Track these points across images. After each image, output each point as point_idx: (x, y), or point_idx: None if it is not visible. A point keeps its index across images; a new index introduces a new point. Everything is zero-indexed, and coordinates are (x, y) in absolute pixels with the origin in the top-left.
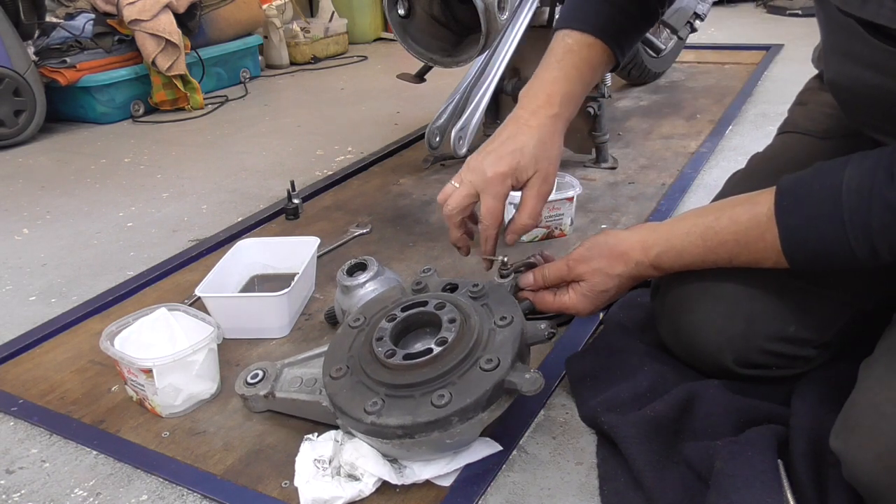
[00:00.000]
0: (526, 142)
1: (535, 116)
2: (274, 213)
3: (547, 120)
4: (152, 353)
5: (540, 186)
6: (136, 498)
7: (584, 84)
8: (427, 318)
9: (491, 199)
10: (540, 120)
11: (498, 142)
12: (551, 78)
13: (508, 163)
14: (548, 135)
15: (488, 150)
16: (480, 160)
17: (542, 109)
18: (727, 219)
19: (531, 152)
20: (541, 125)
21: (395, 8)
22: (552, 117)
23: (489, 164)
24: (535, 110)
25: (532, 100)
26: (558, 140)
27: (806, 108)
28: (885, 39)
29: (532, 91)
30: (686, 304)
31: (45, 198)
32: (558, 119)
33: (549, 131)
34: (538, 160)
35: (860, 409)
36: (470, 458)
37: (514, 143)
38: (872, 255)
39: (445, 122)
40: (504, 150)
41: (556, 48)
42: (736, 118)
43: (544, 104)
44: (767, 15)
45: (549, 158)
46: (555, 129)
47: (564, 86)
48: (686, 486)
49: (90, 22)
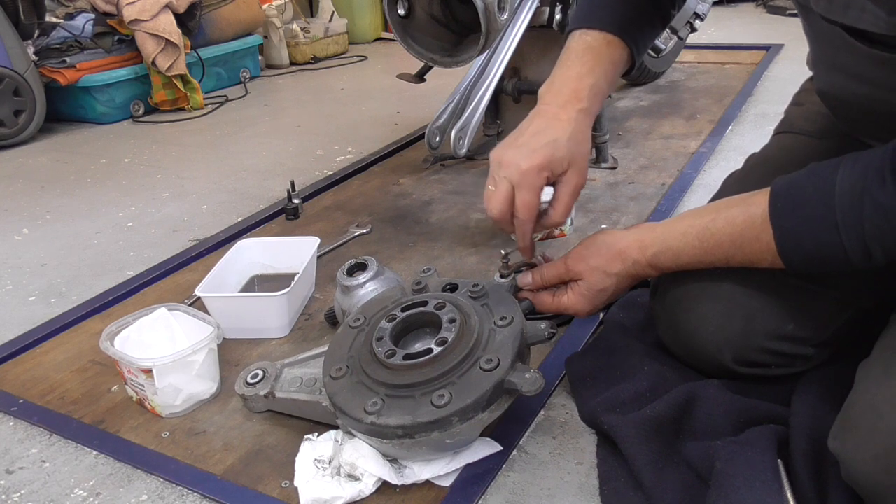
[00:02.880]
0: (559, 135)
1: (565, 110)
2: (274, 213)
3: (577, 114)
4: (152, 353)
5: (575, 181)
6: (136, 498)
7: (607, 80)
8: (427, 318)
9: (526, 192)
10: (570, 114)
11: (528, 135)
12: (575, 74)
13: (544, 155)
14: (579, 129)
15: (518, 144)
16: (512, 154)
17: (571, 104)
18: (723, 220)
19: (566, 145)
20: (571, 119)
21: (395, 8)
22: (581, 111)
23: (523, 157)
24: (564, 104)
25: (557, 95)
26: (588, 136)
27: (802, 109)
28: (869, 44)
29: (555, 87)
30: (685, 304)
31: (45, 198)
32: (587, 113)
33: (580, 125)
34: (573, 154)
35: (858, 410)
36: (470, 458)
37: (547, 135)
38: (866, 257)
39: (445, 122)
40: (537, 142)
41: (574, 46)
42: (736, 118)
43: (572, 98)
44: (767, 15)
45: (582, 153)
46: (585, 124)
47: (589, 80)
48: (686, 486)
49: (90, 22)
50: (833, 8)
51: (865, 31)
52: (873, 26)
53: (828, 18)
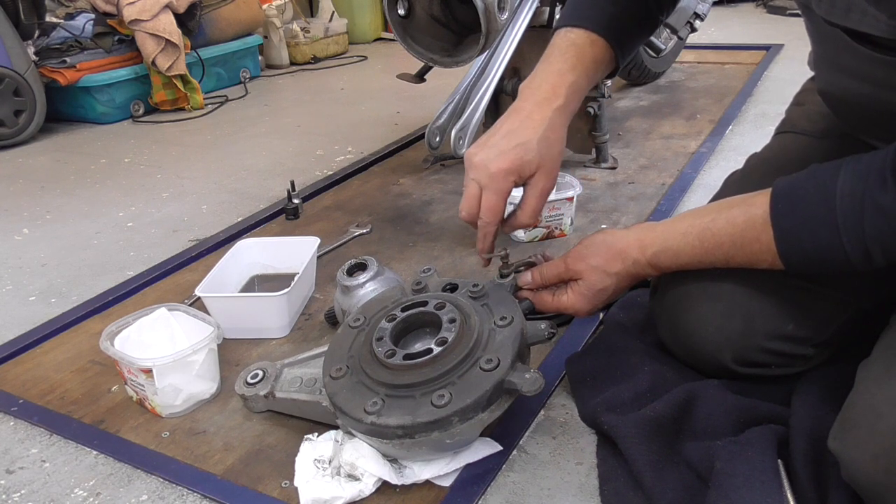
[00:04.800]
0: (530, 137)
1: (540, 109)
2: (274, 213)
3: (552, 113)
4: (152, 353)
5: (543, 184)
6: (136, 498)
7: (588, 78)
8: (427, 318)
9: (492, 195)
10: (544, 113)
11: (500, 135)
12: (556, 70)
13: (512, 158)
14: (552, 129)
15: (489, 145)
16: (483, 156)
17: (547, 102)
18: (724, 220)
19: (535, 148)
20: (545, 118)
21: (395, 8)
22: (557, 109)
23: (491, 160)
24: (540, 102)
25: (535, 91)
26: (562, 135)
27: (803, 109)
28: (871, 47)
29: (535, 83)
30: (685, 304)
31: (45, 198)
32: (563, 112)
33: (553, 126)
34: (542, 157)
35: (857, 410)
36: (470, 458)
37: (517, 137)
38: (866, 259)
39: (445, 122)
40: (507, 144)
41: (558, 43)
42: (736, 118)
43: (549, 96)
44: (767, 15)
45: (552, 156)
46: (559, 123)
47: (569, 77)
48: (686, 486)
49: (90, 22)
50: (834, 11)
51: (867, 34)
52: (875, 29)
53: (829, 21)
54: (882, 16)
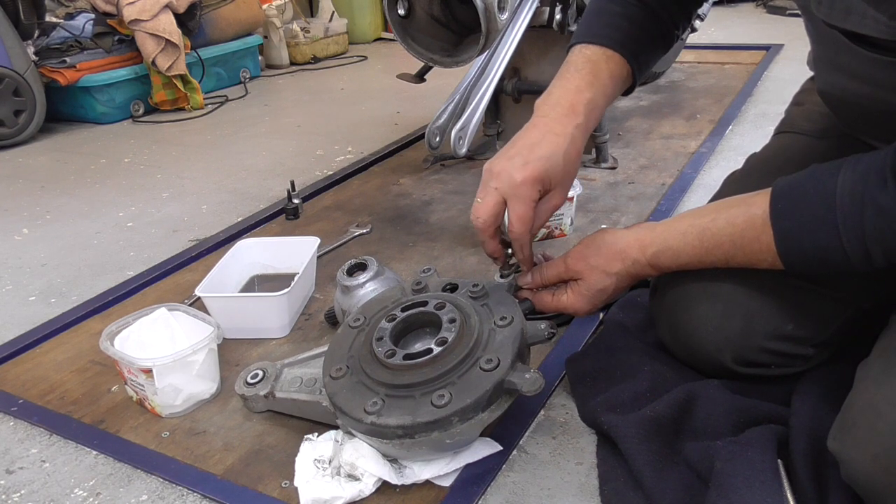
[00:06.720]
0: (554, 150)
1: (561, 125)
2: (274, 213)
3: (573, 130)
4: (152, 353)
5: (556, 201)
6: (136, 498)
7: (605, 95)
8: (427, 318)
9: (520, 204)
10: (566, 129)
11: (520, 146)
12: (573, 87)
13: (538, 168)
14: (572, 146)
15: (510, 155)
16: (505, 165)
17: (567, 119)
18: (723, 220)
19: (559, 161)
20: (567, 134)
21: (395, 8)
22: (577, 127)
23: (517, 169)
24: (560, 118)
25: (554, 108)
26: (581, 153)
27: (802, 109)
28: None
29: (553, 99)
30: (684, 304)
31: (45, 198)
32: (583, 129)
33: (574, 142)
34: (564, 172)
35: (857, 410)
36: (470, 458)
37: (542, 149)
38: (866, 260)
39: (445, 122)
40: (531, 155)
41: (574, 60)
42: (736, 118)
43: (568, 113)
44: (767, 15)
45: (570, 173)
46: (580, 141)
47: (587, 94)
48: (686, 486)
49: (90, 22)
50: (834, 13)
51: (867, 35)
52: (875, 31)
53: (829, 24)
54: (882, 17)
